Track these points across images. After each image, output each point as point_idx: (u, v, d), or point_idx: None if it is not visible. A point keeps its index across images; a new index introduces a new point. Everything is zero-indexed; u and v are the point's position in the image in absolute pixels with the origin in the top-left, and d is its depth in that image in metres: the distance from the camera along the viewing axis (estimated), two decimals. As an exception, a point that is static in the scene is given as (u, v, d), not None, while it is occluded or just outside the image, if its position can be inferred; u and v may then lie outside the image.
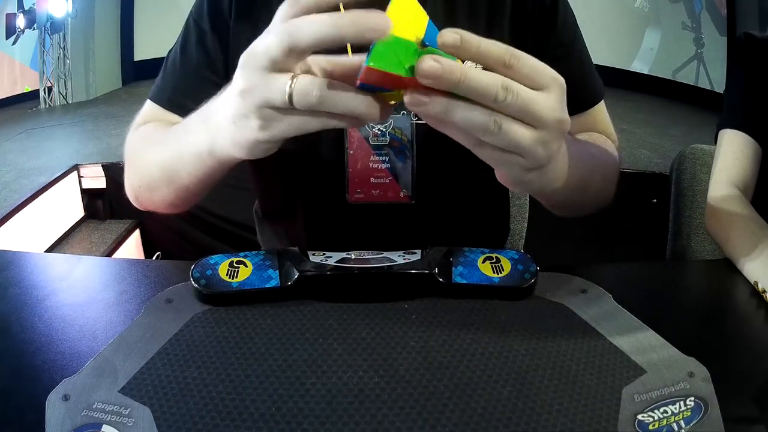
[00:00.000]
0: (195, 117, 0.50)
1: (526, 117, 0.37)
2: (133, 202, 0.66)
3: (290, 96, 0.36)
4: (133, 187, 0.65)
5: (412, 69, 0.35)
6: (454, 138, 0.39)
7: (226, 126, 0.42)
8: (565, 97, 0.39)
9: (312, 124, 0.38)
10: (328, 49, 0.36)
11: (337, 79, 0.37)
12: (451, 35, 0.35)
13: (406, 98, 0.36)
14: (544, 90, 0.37)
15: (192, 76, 0.68)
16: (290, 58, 0.37)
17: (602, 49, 3.91)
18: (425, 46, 0.37)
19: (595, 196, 0.64)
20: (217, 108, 0.44)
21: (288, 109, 0.38)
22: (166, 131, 0.57)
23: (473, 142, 0.38)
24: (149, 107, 0.70)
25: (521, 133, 0.37)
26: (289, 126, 0.39)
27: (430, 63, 0.34)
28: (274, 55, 0.36)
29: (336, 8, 0.36)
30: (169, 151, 0.54)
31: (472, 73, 0.35)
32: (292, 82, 0.36)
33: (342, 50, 0.38)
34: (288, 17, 0.37)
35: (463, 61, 0.36)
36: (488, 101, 0.36)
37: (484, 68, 0.37)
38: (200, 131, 0.48)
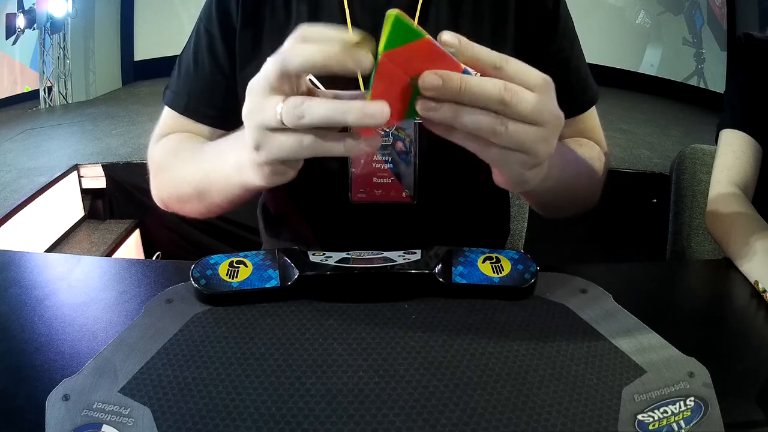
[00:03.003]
0: (230, 140, 0.53)
1: (528, 117, 0.39)
2: (161, 207, 0.69)
3: (281, 114, 0.39)
4: (161, 197, 0.68)
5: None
6: (462, 144, 0.41)
7: (246, 150, 0.44)
8: (554, 95, 0.41)
9: (305, 143, 0.40)
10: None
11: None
12: (449, 35, 0.38)
13: (418, 105, 0.38)
14: (536, 90, 0.39)
15: (206, 82, 0.69)
16: (284, 81, 0.39)
17: (605, 60, 3.92)
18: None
19: (579, 198, 0.66)
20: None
21: (281, 129, 0.40)
22: (197, 150, 0.61)
23: (480, 145, 0.40)
24: (167, 115, 0.72)
25: (527, 131, 0.39)
26: (281, 146, 0.40)
27: (431, 77, 0.36)
28: (270, 78, 0.39)
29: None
30: (201, 172, 0.57)
31: (473, 80, 0.37)
32: (282, 103, 0.39)
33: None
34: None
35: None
36: (494, 105, 0.38)
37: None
38: (230, 156, 0.50)
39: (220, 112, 0.69)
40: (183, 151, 0.65)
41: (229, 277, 0.50)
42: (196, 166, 0.59)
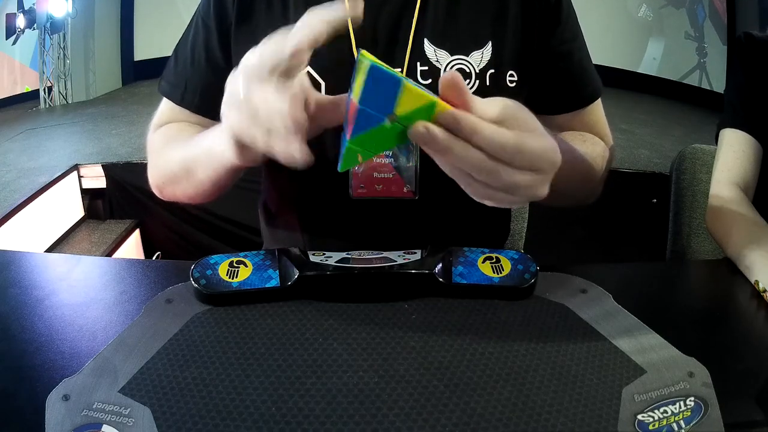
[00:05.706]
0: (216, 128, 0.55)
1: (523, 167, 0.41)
2: (157, 194, 0.71)
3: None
4: (156, 182, 0.69)
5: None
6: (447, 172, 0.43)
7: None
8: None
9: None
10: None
11: None
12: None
13: (411, 132, 0.39)
14: (537, 132, 0.41)
15: (202, 75, 0.70)
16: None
17: (605, 58, 3.92)
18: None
19: (574, 192, 0.66)
20: None
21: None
22: (193, 136, 0.63)
23: (464, 181, 0.42)
24: (165, 105, 0.73)
25: (524, 178, 0.40)
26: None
27: (419, 130, 0.39)
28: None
29: None
30: (191, 150, 0.59)
31: (458, 148, 0.39)
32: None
33: None
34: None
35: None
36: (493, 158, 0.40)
37: None
38: (215, 131, 0.53)
39: (216, 105, 0.70)
40: (179, 135, 0.67)
41: (229, 277, 0.50)
42: (188, 147, 0.61)
